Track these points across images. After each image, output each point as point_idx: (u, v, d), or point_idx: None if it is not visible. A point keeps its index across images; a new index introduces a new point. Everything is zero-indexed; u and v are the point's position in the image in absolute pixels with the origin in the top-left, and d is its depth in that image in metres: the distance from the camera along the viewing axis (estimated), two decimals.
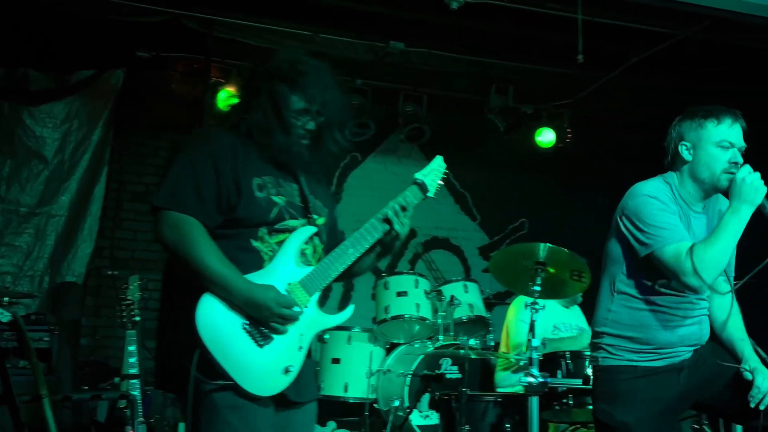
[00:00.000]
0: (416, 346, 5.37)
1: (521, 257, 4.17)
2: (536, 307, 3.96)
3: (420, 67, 6.39)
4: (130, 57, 6.29)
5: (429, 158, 8.30)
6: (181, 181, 2.29)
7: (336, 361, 5.53)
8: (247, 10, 5.68)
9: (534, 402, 3.71)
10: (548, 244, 4.11)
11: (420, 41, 6.04)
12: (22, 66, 6.11)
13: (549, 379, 3.78)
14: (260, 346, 2.23)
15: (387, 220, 2.48)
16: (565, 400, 3.88)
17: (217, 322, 2.21)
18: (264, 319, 2.23)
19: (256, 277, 2.27)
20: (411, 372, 5.03)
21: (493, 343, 5.20)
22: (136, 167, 6.79)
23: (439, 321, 5.31)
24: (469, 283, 5.67)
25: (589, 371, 3.71)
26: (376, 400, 5.36)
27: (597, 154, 7.74)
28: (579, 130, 7.39)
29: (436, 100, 7.00)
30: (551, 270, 4.17)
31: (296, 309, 2.28)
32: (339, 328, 5.73)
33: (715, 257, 2.59)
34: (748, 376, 2.69)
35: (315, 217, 2.47)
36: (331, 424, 5.52)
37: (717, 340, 2.92)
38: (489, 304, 5.96)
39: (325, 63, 2.53)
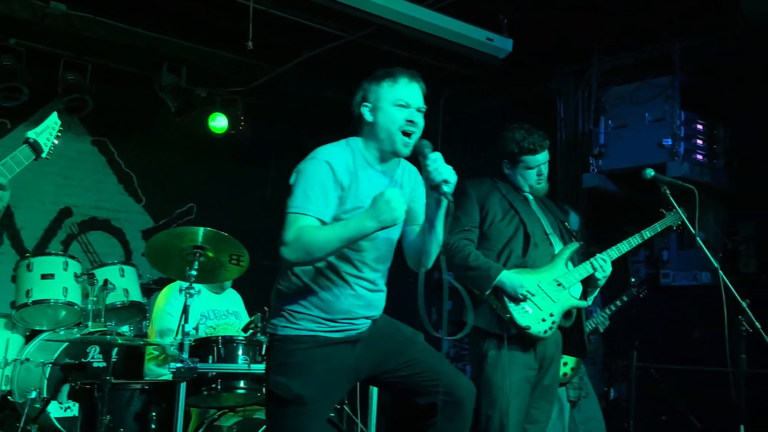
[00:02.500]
0: (61, 333, 5.05)
1: (179, 241, 4.07)
2: (191, 291, 3.89)
3: (85, 34, 5.95)
4: None
5: (91, 132, 7.81)
6: None
7: None
8: None
9: (181, 388, 3.65)
10: (207, 228, 4.08)
11: (85, 6, 5.61)
12: None
13: (199, 365, 3.75)
14: None
15: None
16: (214, 385, 3.86)
17: None
18: None
19: None
20: (52, 361, 4.70)
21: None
22: None
23: (90, 306, 5.04)
24: (126, 267, 5.44)
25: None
26: (10, 392, 4.94)
27: (268, 144, 7.92)
28: (252, 118, 7.48)
29: (103, 71, 6.58)
30: (210, 254, 4.14)
31: None
32: None
33: (312, 244, 2.59)
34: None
35: None
36: None
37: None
38: (150, 290, 5.77)
39: None
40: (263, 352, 3.92)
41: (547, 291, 3.50)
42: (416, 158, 2.82)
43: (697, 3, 5.17)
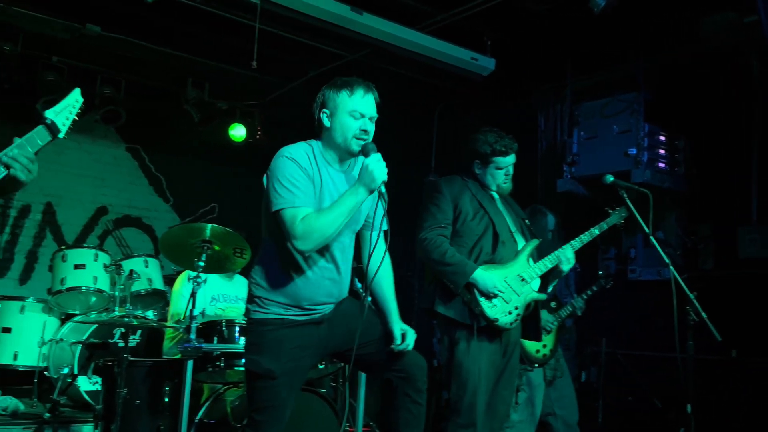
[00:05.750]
0: (92, 316, 5.21)
1: (189, 236, 4.23)
2: (198, 280, 4.04)
3: (118, 53, 6.14)
4: None
5: (126, 140, 7.94)
6: None
7: (6, 330, 5.17)
8: None
9: (189, 365, 3.79)
10: (214, 224, 4.22)
11: (117, 28, 5.80)
12: None
13: (204, 345, 3.88)
14: None
15: (6, 165, 2.13)
16: (218, 363, 3.99)
17: None
18: None
19: None
20: (82, 341, 4.87)
21: None
22: None
23: (117, 293, 5.19)
24: (150, 259, 5.60)
25: None
26: (47, 368, 5.12)
27: None
28: (268, 128, 7.64)
29: (135, 85, 6.78)
30: (216, 247, 4.28)
31: None
32: (11, 297, 5.37)
33: (322, 227, 2.64)
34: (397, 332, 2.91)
35: None
36: None
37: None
38: (173, 280, 5.91)
39: None
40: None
41: (512, 285, 3.55)
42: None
43: (660, 27, 5.23)
